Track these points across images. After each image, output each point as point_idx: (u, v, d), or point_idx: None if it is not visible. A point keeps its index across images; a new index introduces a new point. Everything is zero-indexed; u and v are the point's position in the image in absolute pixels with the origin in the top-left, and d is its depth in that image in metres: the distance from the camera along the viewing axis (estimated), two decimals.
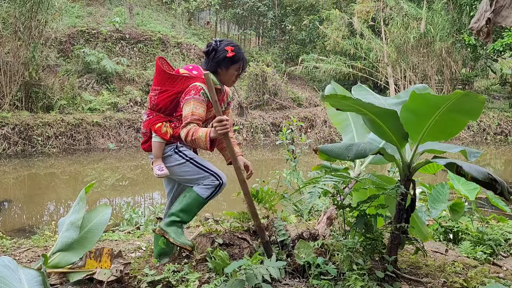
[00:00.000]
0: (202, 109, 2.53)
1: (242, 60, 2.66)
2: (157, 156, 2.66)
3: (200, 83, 2.59)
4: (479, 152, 2.15)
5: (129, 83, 15.33)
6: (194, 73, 2.67)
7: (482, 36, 2.97)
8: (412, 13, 16.89)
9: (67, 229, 2.48)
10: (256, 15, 22.02)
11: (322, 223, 2.89)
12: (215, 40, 2.69)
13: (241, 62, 2.65)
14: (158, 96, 2.66)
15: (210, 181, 2.67)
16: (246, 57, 2.75)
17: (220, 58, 2.61)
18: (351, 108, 2.27)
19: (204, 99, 2.55)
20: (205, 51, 2.69)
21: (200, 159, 2.71)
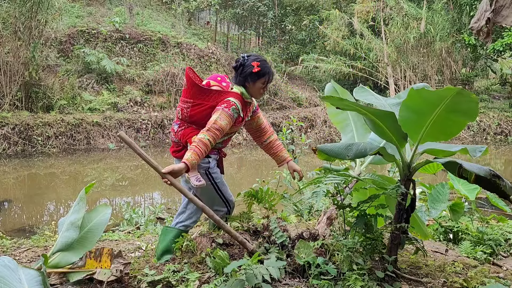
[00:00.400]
0: (225, 122, 2.61)
1: (267, 74, 2.76)
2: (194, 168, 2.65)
3: (234, 98, 2.70)
4: (483, 147, 2.12)
5: (129, 83, 15.33)
6: (223, 85, 2.85)
7: (482, 36, 2.97)
8: (412, 13, 16.89)
9: (67, 229, 2.48)
10: (256, 15, 22.02)
11: (322, 223, 2.89)
12: (242, 56, 2.82)
13: (266, 76, 2.76)
14: (191, 109, 2.75)
15: (220, 207, 2.89)
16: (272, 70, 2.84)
17: (247, 73, 2.73)
18: (350, 108, 2.28)
19: (232, 114, 2.65)
20: (234, 66, 2.84)
21: (222, 184, 2.88)
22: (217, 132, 2.58)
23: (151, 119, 13.96)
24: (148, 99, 14.98)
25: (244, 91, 2.78)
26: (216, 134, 2.58)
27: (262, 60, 2.78)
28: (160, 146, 13.40)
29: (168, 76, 15.27)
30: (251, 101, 2.86)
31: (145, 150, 12.92)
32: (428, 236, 2.87)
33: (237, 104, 2.68)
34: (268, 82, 2.80)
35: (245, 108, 2.81)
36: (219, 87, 2.84)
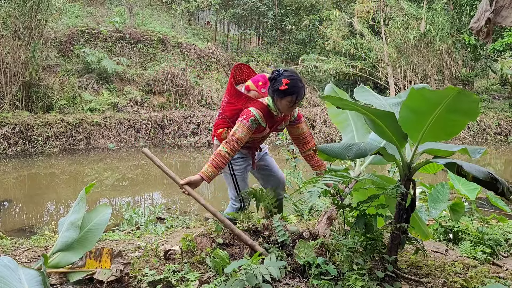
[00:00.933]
0: (243, 134, 2.76)
1: (295, 94, 2.76)
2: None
3: (255, 109, 2.80)
4: (483, 149, 2.13)
5: (129, 83, 15.33)
6: (262, 91, 2.92)
7: (482, 36, 2.97)
8: (412, 13, 16.88)
9: (67, 229, 2.48)
10: (256, 15, 22.01)
11: (322, 223, 2.89)
12: (278, 70, 2.83)
13: (294, 96, 2.76)
14: (226, 104, 2.96)
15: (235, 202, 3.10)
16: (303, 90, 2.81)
17: (275, 88, 2.76)
18: (350, 107, 2.28)
19: (250, 126, 2.77)
20: (268, 78, 2.87)
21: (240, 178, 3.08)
22: (235, 144, 2.74)
23: (151, 119, 13.96)
24: (148, 99, 14.98)
25: (271, 103, 2.83)
26: (234, 146, 2.74)
27: (293, 79, 2.77)
28: (160, 146, 13.40)
29: (168, 76, 15.26)
30: (277, 113, 2.87)
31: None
32: (429, 236, 2.87)
33: (256, 115, 2.78)
34: (295, 101, 2.79)
35: (270, 118, 2.87)
36: (256, 91, 2.92)
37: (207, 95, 15.87)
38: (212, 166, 2.70)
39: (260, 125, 2.82)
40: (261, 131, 2.87)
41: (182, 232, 3.96)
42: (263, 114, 2.82)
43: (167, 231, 4.32)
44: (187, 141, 13.98)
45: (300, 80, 2.81)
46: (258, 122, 2.80)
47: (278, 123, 2.97)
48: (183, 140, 14.00)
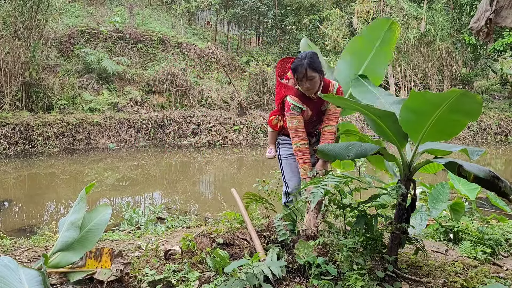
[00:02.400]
0: (296, 121, 2.93)
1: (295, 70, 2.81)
2: (269, 142, 3.29)
3: (290, 97, 2.94)
4: (482, 150, 2.13)
5: (129, 83, 15.33)
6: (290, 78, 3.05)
7: (482, 36, 2.97)
8: (412, 13, 16.88)
9: (67, 229, 2.48)
10: (256, 15, 22.01)
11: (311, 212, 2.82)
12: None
13: (295, 72, 2.82)
14: (275, 97, 3.16)
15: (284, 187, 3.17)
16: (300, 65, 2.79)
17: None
18: (351, 107, 2.28)
19: (295, 113, 2.92)
20: None
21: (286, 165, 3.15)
22: (296, 133, 2.92)
23: (151, 119, 13.96)
24: (148, 99, 14.98)
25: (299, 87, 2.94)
26: (297, 135, 2.92)
27: (297, 58, 2.85)
28: (160, 146, 13.40)
29: (168, 76, 15.26)
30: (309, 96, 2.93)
31: (145, 150, 12.93)
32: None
33: (293, 102, 2.92)
34: (299, 78, 2.82)
35: (307, 101, 2.94)
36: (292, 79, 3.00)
37: (207, 95, 15.87)
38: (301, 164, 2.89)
39: (302, 109, 2.93)
40: (306, 115, 2.95)
41: (182, 232, 3.97)
42: (298, 98, 2.92)
43: (167, 231, 4.32)
44: (187, 141, 13.97)
45: (303, 58, 2.81)
46: (298, 107, 2.91)
47: (319, 104, 2.96)
48: (183, 140, 14.00)
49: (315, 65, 2.79)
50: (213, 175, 11.05)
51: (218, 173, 11.12)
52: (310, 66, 2.76)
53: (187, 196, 8.47)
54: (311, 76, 2.77)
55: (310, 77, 2.77)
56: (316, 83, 2.84)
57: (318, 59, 2.85)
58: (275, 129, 3.17)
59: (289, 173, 3.12)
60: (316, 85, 2.84)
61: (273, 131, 3.21)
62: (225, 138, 14.31)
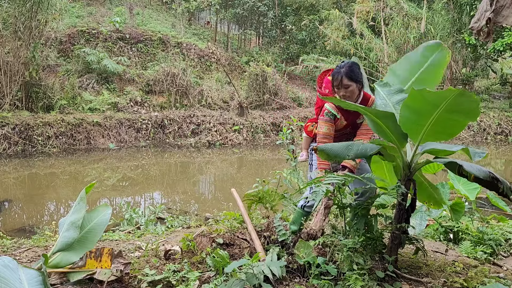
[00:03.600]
0: (326, 128, 3.01)
1: (333, 77, 2.92)
2: (303, 147, 3.42)
3: (328, 104, 3.02)
4: (484, 153, 2.12)
5: (129, 83, 15.33)
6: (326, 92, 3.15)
7: (482, 36, 2.96)
8: (412, 13, 16.88)
9: (67, 229, 2.48)
10: (256, 15, 22.01)
11: (319, 214, 2.87)
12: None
13: (333, 80, 2.92)
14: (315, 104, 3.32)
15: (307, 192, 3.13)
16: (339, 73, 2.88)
17: None
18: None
19: (328, 119, 3.01)
20: None
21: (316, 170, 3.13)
22: (323, 138, 2.99)
23: (151, 119, 13.96)
24: (148, 99, 14.98)
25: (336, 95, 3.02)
26: (324, 141, 2.97)
27: (337, 66, 2.94)
28: (160, 146, 13.40)
29: (168, 76, 15.26)
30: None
31: (145, 150, 12.93)
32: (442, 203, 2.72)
33: (329, 108, 3.00)
34: (335, 86, 2.91)
35: (343, 110, 2.97)
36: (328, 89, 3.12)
37: (207, 95, 15.87)
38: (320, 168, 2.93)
39: (336, 117, 2.99)
40: (339, 124, 3.02)
41: (182, 232, 3.97)
42: (335, 106, 2.98)
43: (167, 231, 4.32)
44: (187, 141, 13.97)
45: (342, 66, 2.90)
46: (332, 113, 2.99)
47: (354, 116, 3.00)
48: (183, 140, 14.00)
49: (352, 75, 2.85)
50: (213, 175, 11.05)
51: (218, 173, 11.12)
52: (347, 75, 2.84)
53: (187, 196, 8.47)
54: (347, 85, 2.84)
55: (346, 86, 2.84)
56: (353, 93, 2.88)
57: (357, 70, 2.91)
58: (309, 135, 3.32)
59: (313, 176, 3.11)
60: (353, 94, 2.89)
61: (308, 137, 3.35)
62: (225, 138, 14.31)
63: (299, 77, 21.19)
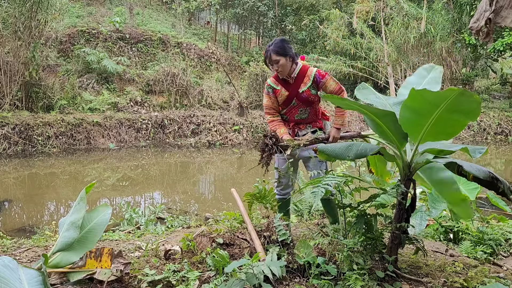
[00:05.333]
0: (265, 100, 3.25)
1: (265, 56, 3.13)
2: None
3: (270, 78, 3.27)
4: (483, 149, 2.13)
5: (129, 83, 15.33)
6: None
7: (482, 36, 2.96)
8: (412, 13, 16.88)
9: (67, 229, 2.48)
10: (256, 15, 22.02)
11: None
12: None
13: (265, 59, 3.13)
14: None
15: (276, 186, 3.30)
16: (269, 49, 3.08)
17: None
18: (351, 107, 2.28)
19: (267, 91, 3.24)
20: None
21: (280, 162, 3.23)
22: (267, 109, 3.24)
23: (151, 119, 13.96)
24: (148, 99, 14.98)
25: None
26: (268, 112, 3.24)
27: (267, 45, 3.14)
28: (160, 146, 13.40)
29: (168, 76, 15.26)
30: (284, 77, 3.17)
31: (145, 150, 12.92)
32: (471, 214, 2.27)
33: (269, 82, 3.24)
34: (267, 63, 3.13)
35: (283, 82, 3.19)
36: None
37: (207, 95, 15.87)
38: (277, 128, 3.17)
39: (275, 89, 3.19)
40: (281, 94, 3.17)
41: (182, 232, 3.97)
42: (275, 79, 3.23)
43: (167, 231, 4.32)
44: (187, 141, 13.97)
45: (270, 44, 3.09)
46: (271, 86, 3.21)
47: (295, 86, 3.16)
48: (183, 140, 14.00)
49: (279, 50, 3.05)
50: (213, 175, 11.05)
51: (218, 173, 11.12)
52: (274, 51, 3.05)
53: (187, 196, 8.47)
54: (276, 60, 3.05)
55: (275, 61, 3.05)
56: (284, 66, 3.08)
57: (285, 45, 3.09)
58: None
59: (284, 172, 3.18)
60: (284, 68, 3.08)
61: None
62: (225, 138, 14.31)
63: None
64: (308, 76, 3.16)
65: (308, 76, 3.16)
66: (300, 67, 3.18)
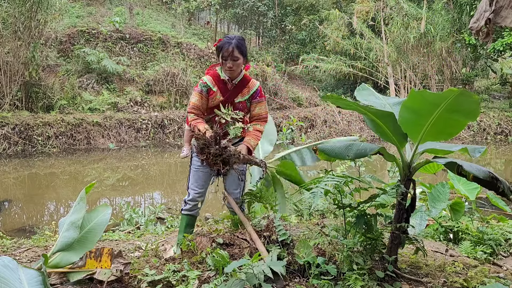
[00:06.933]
0: (196, 98, 2.89)
1: (221, 48, 2.82)
2: (185, 141, 3.22)
3: (206, 76, 2.95)
4: (483, 148, 2.13)
5: (129, 83, 15.33)
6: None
7: (481, 36, 2.96)
8: (412, 13, 16.88)
9: (67, 229, 2.48)
10: (256, 15, 22.02)
11: None
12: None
13: (221, 50, 2.81)
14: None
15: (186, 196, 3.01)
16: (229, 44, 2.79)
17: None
18: (351, 107, 2.28)
19: (201, 90, 2.89)
20: None
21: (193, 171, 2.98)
22: (192, 109, 2.88)
23: (151, 119, 13.96)
24: (148, 99, 14.98)
25: (219, 69, 2.95)
26: (192, 111, 2.88)
27: (225, 37, 2.87)
28: (160, 146, 13.40)
29: (168, 76, 15.26)
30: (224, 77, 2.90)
31: (145, 150, 12.92)
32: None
33: (206, 80, 2.91)
34: (224, 56, 2.80)
35: (222, 85, 2.91)
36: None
37: None
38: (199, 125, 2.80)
39: (211, 89, 2.88)
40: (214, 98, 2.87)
41: None
42: (213, 79, 2.91)
43: (167, 231, 4.32)
44: None
45: (232, 38, 2.83)
46: (207, 85, 2.89)
47: (232, 94, 2.91)
48: (183, 140, 13.99)
49: (243, 48, 2.83)
50: None
51: None
52: (238, 47, 2.80)
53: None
54: (236, 57, 2.80)
55: (235, 58, 2.80)
56: (239, 67, 2.85)
57: (245, 44, 2.88)
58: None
59: (193, 183, 2.97)
60: (238, 68, 2.85)
61: (189, 129, 3.03)
62: None
63: (299, 77, 21.19)
64: (249, 88, 2.95)
65: (249, 88, 2.95)
66: (243, 75, 2.94)
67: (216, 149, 2.54)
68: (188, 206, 2.98)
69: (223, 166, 2.57)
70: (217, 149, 2.54)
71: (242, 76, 2.94)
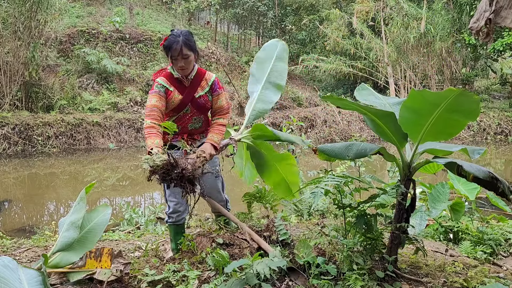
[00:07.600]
0: (155, 99, 2.70)
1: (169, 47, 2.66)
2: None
3: (160, 76, 2.79)
4: (482, 149, 2.13)
5: (129, 83, 15.33)
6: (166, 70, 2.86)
7: (481, 36, 2.96)
8: (412, 13, 16.88)
9: (67, 229, 2.48)
10: (256, 15, 22.01)
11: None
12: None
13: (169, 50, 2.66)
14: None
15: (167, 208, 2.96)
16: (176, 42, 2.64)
17: None
18: (350, 107, 2.28)
19: (158, 90, 2.73)
20: None
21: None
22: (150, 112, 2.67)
23: None
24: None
25: (170, 68, 2.80)
26: (151, 114, 2.66)
27: (171, 35, 2.70)
28: None
29: None
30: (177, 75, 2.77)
31: (145, 150, 12.91)
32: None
33: (160, 81, 2.75)
34: (173, 56, 2.67)
35: (178, 84, 2.78)
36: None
37: None
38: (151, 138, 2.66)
39: (168, 89, 2.74)
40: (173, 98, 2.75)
41: None
42: (167, 79, 2.77)
43: (167, 231, 4.32)
44: None
45: (178, 35, 2.67)
46: (163, 85, 2.74)
47: (191, 90, 2.81)
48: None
49: (191, 44, 2.68)
50: None
51: None
52: (186, 44, 2.65)
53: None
54: (186, 55, 2.66)
55: (185, 56, 2.66)
56: (191, 64, 2.72)
57: (193, 38, 2.74)
58: None
59: (170, 195, 2.88)
60: (190, 65, 2.73)
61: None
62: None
63: (299, 77, 21.19)
64: (206, 80, 2.86)
65: (206, 80, 2.86)
66: (196, 69, 2.82)
67: (175, 174, 2.36)
68: (172, 219, 2.91)
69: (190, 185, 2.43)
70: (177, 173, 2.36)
71: (196, 71, 2.82)
